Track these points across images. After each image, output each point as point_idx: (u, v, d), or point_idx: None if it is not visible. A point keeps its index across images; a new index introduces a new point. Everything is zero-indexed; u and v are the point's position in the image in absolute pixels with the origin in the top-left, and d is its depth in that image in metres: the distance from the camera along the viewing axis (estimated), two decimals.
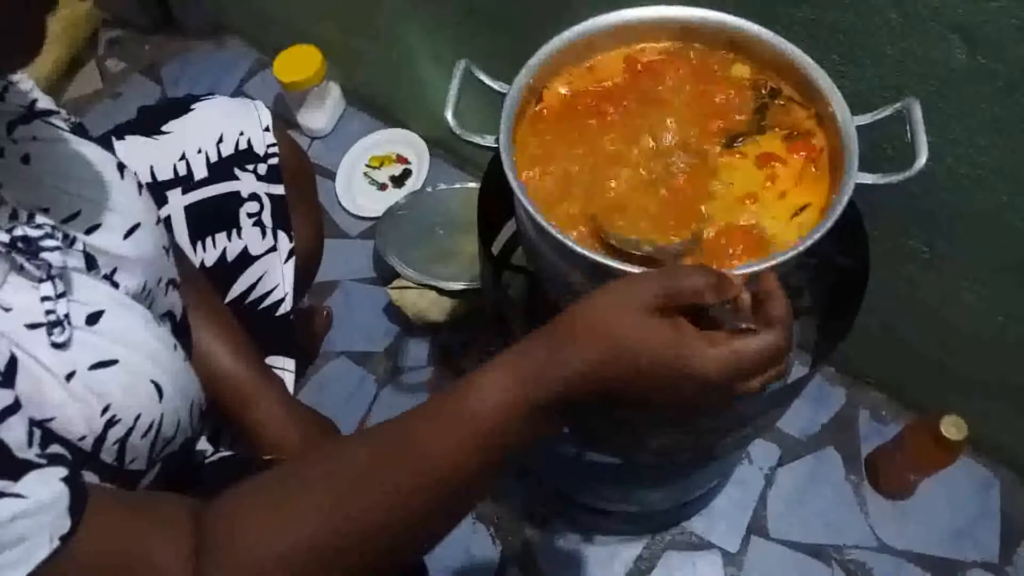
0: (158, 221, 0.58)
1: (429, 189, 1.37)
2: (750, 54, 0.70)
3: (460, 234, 1.30)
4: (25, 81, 0.54)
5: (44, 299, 0.44)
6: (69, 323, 0.44)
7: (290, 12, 1.45)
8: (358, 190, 1.44)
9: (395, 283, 1.24)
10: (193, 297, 0.66)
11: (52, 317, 0.43)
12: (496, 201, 0.75)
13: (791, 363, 0.47)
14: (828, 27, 0.75)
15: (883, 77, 0.75)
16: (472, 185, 1.36)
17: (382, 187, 1.44)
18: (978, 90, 0.71)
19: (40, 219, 0.46)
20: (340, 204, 1.42)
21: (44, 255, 0.44)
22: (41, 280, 0.44)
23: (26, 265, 0.43)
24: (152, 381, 0.50)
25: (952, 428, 0.93)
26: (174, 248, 0.69)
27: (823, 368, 1.06)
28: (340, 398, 1.22)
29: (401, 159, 1.47)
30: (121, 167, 0.56)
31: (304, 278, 0.86)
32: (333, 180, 1.44)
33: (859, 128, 0.64)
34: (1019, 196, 0.76)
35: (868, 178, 0.61)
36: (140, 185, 0.57)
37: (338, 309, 1.30)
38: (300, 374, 1.20)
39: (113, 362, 0.47)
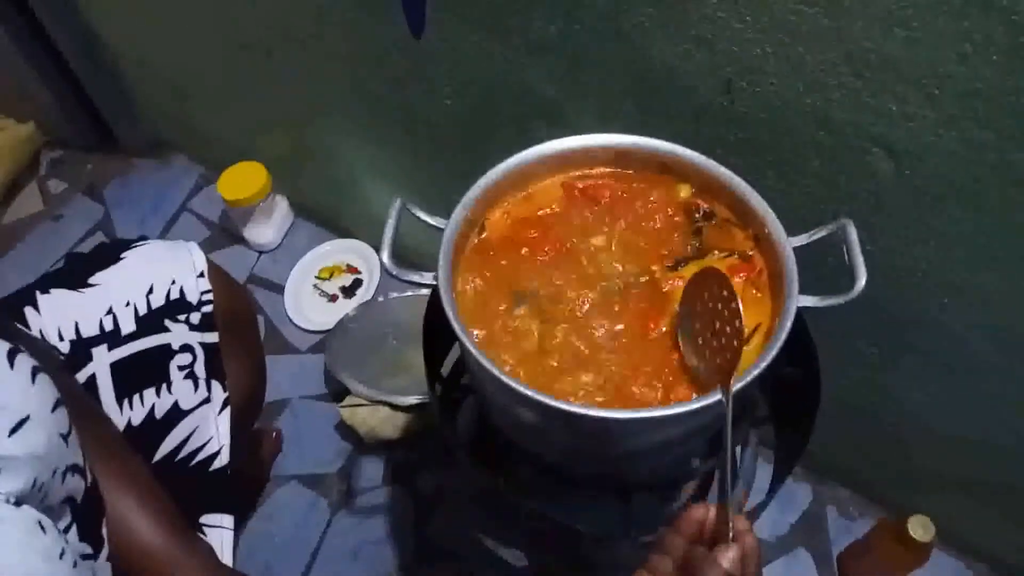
0: (55, 407, 0.54)
1: (380, 299, 1.35)
2: (684, 177, 0.71)
3: (413, 345, 1.26)
4: None
5: None
6: None
7: (229, 130, 1.45)
8: (307, 303, 1.42)
9: (346, 400, 1.20)
10: (108, 465, 0.61)
11: None
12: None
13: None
14: (759, 147, 0.76)
15: (819, 193, 0.76)
16: (425, 292, 1.34)
17: (332, 299, 1.42)
18: (908, 202, 0.72)
19: None
20: (289, 318, 1.39)
21: None
22: None
23: None
24: None
25: (920, 529, 0.91)
26: (92, 414, 0.64)
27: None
28: (291, 526, 1.16)
29: (351, 269, 1.46)
30: (13, 353, 0.52)
31: (243, 424, 0.82)
32: (282, 294, 1.41)
33: (799, 248, 0.64)
34: (956, 300, 0.77)
35: (809, 300, 0.61)
36: (35, 370, 0.53)
37: (288, 429, 1.25)
38: (246, 512, 1.15)
39: None
